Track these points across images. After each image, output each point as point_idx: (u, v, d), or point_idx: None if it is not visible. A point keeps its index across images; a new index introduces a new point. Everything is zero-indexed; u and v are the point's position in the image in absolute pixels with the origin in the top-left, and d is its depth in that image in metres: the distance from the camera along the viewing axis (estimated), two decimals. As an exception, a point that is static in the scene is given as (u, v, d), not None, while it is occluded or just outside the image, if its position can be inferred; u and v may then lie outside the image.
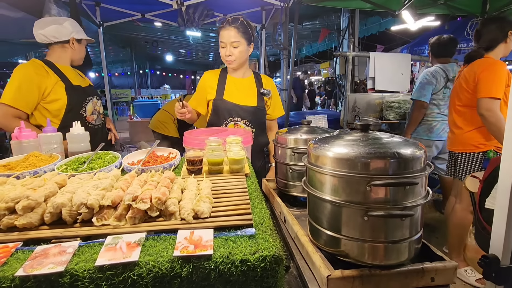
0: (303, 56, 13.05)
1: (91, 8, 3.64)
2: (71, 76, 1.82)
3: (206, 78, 1.86)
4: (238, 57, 1.73)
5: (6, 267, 0.63)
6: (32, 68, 1.67)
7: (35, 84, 1.63)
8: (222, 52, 1.74)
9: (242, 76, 1.87)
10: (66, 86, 1.74)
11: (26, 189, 0.79)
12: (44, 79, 1.66)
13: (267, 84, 1.90)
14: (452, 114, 2.25)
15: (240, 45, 1.70)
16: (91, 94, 1.90)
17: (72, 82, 1.79)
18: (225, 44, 1.70)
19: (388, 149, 0.79)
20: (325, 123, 2.33)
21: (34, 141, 1.23)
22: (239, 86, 1.84)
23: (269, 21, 4.50)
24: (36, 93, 1.64)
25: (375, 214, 0.77)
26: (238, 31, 1.68)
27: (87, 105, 1.84)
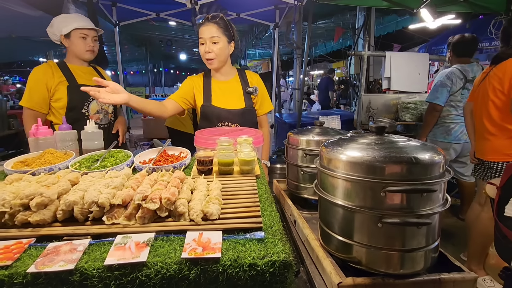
0: (316, 55, 12.90)
1: (107, 8, 3.71)
2: (79, 74, 1.84)
3: (192, 80, 1.81)
4: (218, 54, 1.66)
5: (19, 263, 0.64)
6: (41, 69, 1.78)
7: (43, 84, 1.74)
8: (201, 50, 1.67)
9: (226, 78, 1.82)
10: (69, 85, 1.78)
11: (40, 186, 0.81)
12: (49, 79, 1.76)
13: (253, 81, 1.84)
14: (481, 118, 2.05)
15: (220, 41, 1.64)
16: None
17: (78, 81, 1.81)
18: (204, 40, 1.63)
19: (404, 154, 0.75)
20: (338, 124, 2.28)
21: (50, 138, 1.26)
22: (224, 90, 1.79)
23: (283, 20, 4.46)
24: (45, 92, 1.75)
25: (390, 221, 0.74)
26: (218, 27, 1.62)
27: (90, 104, 1.85)
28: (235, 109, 1.76)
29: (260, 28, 7.02)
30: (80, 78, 1.85)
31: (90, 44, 1.86)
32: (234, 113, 1.75)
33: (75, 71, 1.85)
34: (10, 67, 10.63)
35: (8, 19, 2.88)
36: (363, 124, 4.04)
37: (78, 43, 1.82)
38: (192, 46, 10.54)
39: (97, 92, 1.18)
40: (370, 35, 5.96)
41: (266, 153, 1.91)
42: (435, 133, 2.83)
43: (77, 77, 1.84)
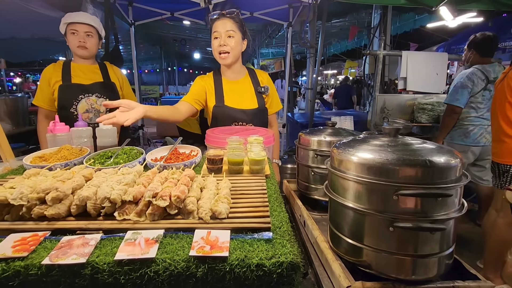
0: (330, 54, 12.74)
1: (124, 8, 3.79)
2: (78, 73, 1.84)
3: (203, 80, 1.77)
4: (233, 48, 1.62)
5: (35, 255, 0.66)
6: (48, 69, 1.84)
7: (47, 83, 1.80)
8: (215, 44, 1.63)
9: (237, 77, 1.78)
10: (61, 85, 1.79)
11: (56, 181, 0.83)
12: (51, 78, 1.81)
13: (263, 80, 1.81)
14: (498, 120, 1.99)
15: (236, 36, 1.61)
16: (90, 92, 1.84)
17: (73, 80, 1.81)
18: (220, 34, 1.59)
19: (419, 156, 0.73)
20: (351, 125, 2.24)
21: (66, 134, 1.30)
22: (236, 89, 1.76)
23: (296, 18, 4.42)
24: (50, 91, 1.80)
25: (402, 225, 0.72)
26: (234, 21, 1.60)
27: (79, 103, 1.81)
28: (249, 109, 1.74)
29: (273, 27, 7.00)
30: (76, 77, 1.83)
31: (81, 40, 1.77)
32: (248, 113, 1.73)
33: (75, 70, 1.84)
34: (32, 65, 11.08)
35: (31, 21, 2.99)
36: (377, 125, 3.96)
37: (70, 39, 1.78)
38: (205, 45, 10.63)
39: (113, 117, 1.11)
40: (386, 34, 5.84)
41: (277, 152, 1.89)
42: (453, 135, 2.74)
43: (74, 76, 1.83)
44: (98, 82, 1.88)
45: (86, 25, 1.78)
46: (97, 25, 1.85)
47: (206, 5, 3.33)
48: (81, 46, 1.79)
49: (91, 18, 1.83)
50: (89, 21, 1.79)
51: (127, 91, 2.06)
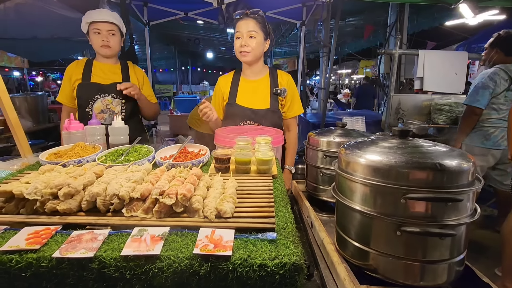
0: (345, 53, 12.54)
1: (139, 8, 3.87)
2: (98, 73, 1.84)
3: (220, 84, 1.83)
4: (254, 49, 1.63)
5: (46, 247, 0.69)
6: (70, 66, 1.86)
7: (69, 80, 1.83)
8: (237, 44, 1.65)
9: (256, 76, 1.78)
10: (80, 83, 1.80)
11: (69, 177, 0.86)
12: (72, 76, 1.83)
13: (283, 81, 1.78)
14: None
15: (258, 36, 1.62)
16: (107, 92, 1.83)
17: (92, 79, 1.82)
18: (242, 34, 1.62)
19: (428, 159, 0.71)
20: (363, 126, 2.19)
21: (81, 132, 1.35)
22: (251, 89, 1.77)
23: (310, 17, 4.38)
24: (71, 88, 1.83)
25: (409, 230, 0.70)
26: (256, 22, 1.61)
27: (94, 103, 1.81)
28: (259, 109, 1.73)
29: (286, 26, 6.97)
30: (96, 76, 1.83)
31: (104, 39, 1.76)
32: (257, 112, 1.72)
33: (96, 69, 1.84)
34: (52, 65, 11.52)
35: (51, 21, 3.10)
36: (392, 126, 3.87)
37: (93, 39, 1.77)
38: (219, 45, 10.70)
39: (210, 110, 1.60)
40: (402, 33, 5.69)
41: (292, 158, 1.84)
42: (472, 137, 2.63)
43: (94, 75, 1.83)
44: (116, 83, 1.82)
45: (108, 23, 1.76)
46: (118, 22, 1.82)
47: (219, 5, 3.36)
48: (104, 45, 1.77)
49: (112, 16, 1.80)
50: (111, 19, 1.76)
51: (147, 92, 1.99)
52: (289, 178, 1.78)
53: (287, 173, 1.80)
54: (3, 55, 6.73)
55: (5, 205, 0.81)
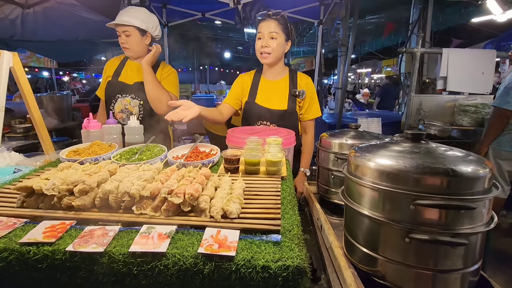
0: (365, 52, 12.24)
1: (158, 10, 3.97)
2: (127, 72, 1.86)
3: (242, 80, 1.83)
4: (275, 50, 1.63)
5: (61, 241, 0.73)
6: (108, 62, 1.91)
7: (104, 76, 1.88)
8: (258, 45, 1.66)
9: (276, 77, 1.79)
10: (109, 81, 1.85)
11: (84, 175, 0.90)
12: (106, 72, 1.88)
13: (302, 83, 1.77)
14: None
15: (279, 37, 1.62)
16: (127, 93, 1.84)
17: (120, 77, 1.84)
18: (263, 35, 1.62)
19: (440, 164, 0.68)
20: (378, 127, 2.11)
21: (98, 131, 1.41)
22: (270, 89, 1.77)
23: (327, 16, 4.31)
24: (104, 84, 1.87)
25: (418, 237, 0.67)
26: (278, 23, 1.62)
27: (116, 102, 1.84)
28: (276, 110, 1.73)
29: (304, 25, 6.89)
30: (125, 75, 1.86)
31: (123, 41, 1.77)
32: (274, 113, 1.72)
33: (126, 68, 1.88)
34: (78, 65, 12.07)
35: (76, 24, 3.26)
36: (412, 127, 3.74)
37: (122, 42, 1.78)
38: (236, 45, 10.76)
39: (175, 113, 1.28)
40: (425, 30, 5.47)
41: (307, 161, 1.83)
42: (500, 141, 2.49)
43: (123, 73, 1.85)
44: (139, 83, 1.82)
45: (123, 25, 1.74)
46: (136, 21, 1.75)
47: (235, 5, 3.38)
48: (123, 47, 1.79)
49: (129, 15, 1.75)
50: (125, 21, 1.74)
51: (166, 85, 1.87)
52: (303, 180, 1.77)
53: (302, 176, 1.79)
54: (32, 56, 7.15)
55: (26, 200, 0.86)
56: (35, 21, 3.26)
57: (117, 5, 2.87)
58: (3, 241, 0.72)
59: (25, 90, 1.26)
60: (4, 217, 0.81)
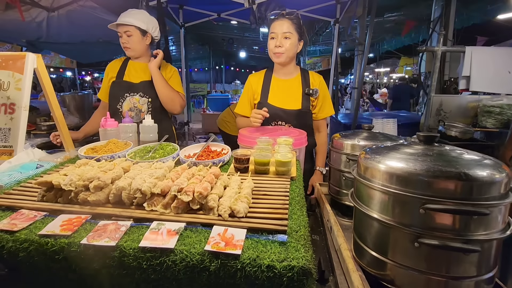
0: (384, 51, 11.94)
1: (175, 11, 4.06)
2: (131, 71, 1.91)
3: (251, 82, 1.83)
4: (288, 50, 1.64)
5: (77, 234, 0.76)
6: (109, 64, 1.96)
7: (107, 78, 1.93)
8: (271, 44, 1.66)
9: (288, 76, 1.79)
10: (114, 81, 1.89)
11: (99, 171, 0.94)
12: (109, 73, 1.93)
13: (315, 82, 1.77)
14: None
15: (292, 37, 1.62)
16: (135, 91, 1.88)
17: (125, 77, 1.88)
18: (276, 35, 1.62)
19: (453, 168, 0.66)
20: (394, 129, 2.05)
21: (115, 129, 1.46)
22: (283, 88, 1.76)
23: (344, 14, 4.24)
24: (108, 85, 1.92)
25: (427, 242, 0.66)
26: (292, 23, 1.61)
27: (124, 101, 1.87)
28: (290, 109, 1.72)
29: (320, 24, 6.80)
30: (129, 75, 1.90)
31: (124, 41, 1.83)
32: (288, 113, 1.72)
33: (129, 68, 1.91)
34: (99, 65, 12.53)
35: (96, 26, 3.37)
36: (431, 128, 3.62)
37: (123, 42, 1.84)
38: (252, 44, 10.79)
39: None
40: (448, 28, 5.26)
41: (323, 159, 1.82)
42: None
43: (127, 73, 1.89)
44: (145, 81, 1.89)
45: (124, 25, 1.80)
46: (137, 22, 1.81)
47: (250, 5, 3.39)
48: (125, 47, 1.85)
49: (131, 16, 1.82)
50: (127, 21, 1.79)
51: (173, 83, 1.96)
52: (320, 179, 1.77)
53: (319, 174, 1.80)
54: (56, 56, 7.49)
55: (46, 194, 0.90)
56: (59, 23, 3.41)
57: (135, 7, 2.95)
58: (24, 232, 0.77)
59: (48, 90, 1.33)
60: (26, 210, 0.86)
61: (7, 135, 1.26)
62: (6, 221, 0.80)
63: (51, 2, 3.25)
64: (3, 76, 1.28)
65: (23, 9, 3.11)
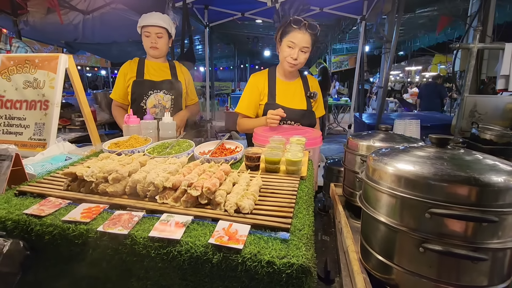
0: (416, 48, 11.37)
1: (200, 11, 4.16)
2: (150, 71, 1.99)
3: (256, 83, 1.84)
4: (301, 63, 1.71)
5: (95, 222, 0.83)
6: (125, 65, 2.03)
7: (123, 78, 2.00)
8: (286, 52, 1.67)
9: (291, 79, 1.85)
10: (135, 80, 1.96)
11: (118, 165, 1.01)
12: (127, 74, 1.99)
13: (313, 85, 1.87)
14: None
15: (308, 52, 1.68)
16: (159, 89, 1.97)
17: (145, 76, 1.96)
18: (295, 45, 1.63)
19: (462, 172, 0.63)
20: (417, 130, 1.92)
21: (137, 126, 1.54)
22: (288, 90, 1.82)
23: (371, 11, 4.10)
24: (125, 86, 1.99)
25: (431, 247, 0.64)
26: (312, 38, 1.64)
27: (148, 98, 1.95)
28: (298, 109, 1.78)
29: (347, 21, 6.63)
30: (148, 74, 1.98)
31: (153, 41, 1.92)
32: (296, 113, 1.78)
33: (148, 67, 1.99)
34: (130, 64, 13.16)
35: (127, 27, 3.55)
36: (463, 131, 3.40)
37: (144, 41, 1.95)
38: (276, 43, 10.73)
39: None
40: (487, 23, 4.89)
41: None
42: None
43: (146, 72, 1.97)
44: (167, 80, 2.01)
45: (156, 27, 1.91)
46: (167, 25, 1.93)
47: (273, 4, 3.39)
48: (153, 47, 1.94)
49: (161, 19, 1.93)
50: (160, 23, 1.91)
51: (191, 89, 2.20)
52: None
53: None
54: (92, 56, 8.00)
55: (71, 184, 0.99)
56: (93, 25, 3.64)
57: (162, 8, 3.07)
58: (50, 217, 0.85)
59: (78, 88, 1.44)
60: (53, 197, 0.94)
61: (41, 129, 1.38)
62: (36, 206, 0.89)
63: (86, 6, 3.47)
64: (40, 75, 1.40)
65: (62, 13, 3.36)
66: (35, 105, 1.40)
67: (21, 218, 0.85)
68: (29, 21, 3.54)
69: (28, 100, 1.41)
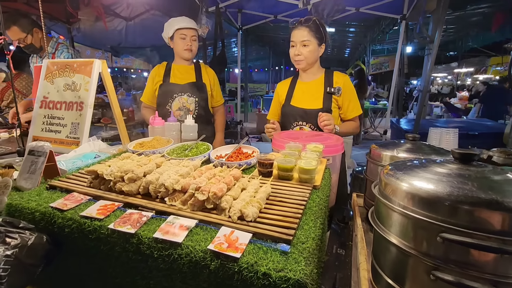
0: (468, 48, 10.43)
1: (234, 15, 4.24)
2: (176, 74, 2.05)
3: (278, 90, 1.94)
4: (307, 57, 1.71)
5: (108, 219, 0.88)
6: (154, 69, 2.13)
7: (152, 82, 2.09)
8: (291, 52, 1.75)
9: (311, 78, 1.83)
10: (161, 84, 2.03)
11: (135, 165, 1.06)
12: (155, 78, 2.07)
13: (339, 81, 1.78)
14: None
15: (310, 44, 1.69)
16: (184, 92, 2.02)
17: (171, 80, 2.02)
18: (295, 43, 1.71)
19: (483, 193, 0.56)
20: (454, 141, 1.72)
21: (161, 127, 1.61)
22: (306, 90, 1.82)
23: (413, 10, 3.84)
24: (153, 89, 2.08)
25: (441, 276, 0.57)
26: (309, 30, 1.67)
27: (173, 101, 2.01)
28: (311, 109, 1.75)
29: (387, 21, 6.28)
30: (174, 77, 2.04)
31: (188, 43, 1.98)
32: (309, 113, 1.76)
33: (174, 71, 2.06)
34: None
35: (163, 31, 3.76)
36: (517, 141, 3.03)
37: (178, 43, 1.99)
38: (313, 44, 10.50)
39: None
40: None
41: (345, 125, 1.84)
42: None
43: (172, 76, 2.03)
44: (191, 82, 2.06)
45: (192, 29, 2.00)
46: (199, 30, 2.07)
47: (305, 5, 3.33)
48: (188, 49, 2.00)
49: (193, 23, 2.03)
50: (194, 26, 2.01)
51: (217, 91, 2.23)
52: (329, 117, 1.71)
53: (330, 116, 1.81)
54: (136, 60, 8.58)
55: (93, 181, 1.06)
56: (134, 30, 3.91)
57: (196, 12, 3.19)
58: (70, 212, 0.92)
59: (110, 91, 1.54)
60: (76, 193, 1.02)
61: (76, 129, 1.51)
62: (61, 201, 0.97)
63: (129, 12, 3.74)
64: (77, 79, 1.53)
65: (107, 20, 3.65)
66: (72, 106, 1.53)
67: (47, 211, 0.93)
68: (81, 28, 3.91)
69: (67, 102, 1.55)
